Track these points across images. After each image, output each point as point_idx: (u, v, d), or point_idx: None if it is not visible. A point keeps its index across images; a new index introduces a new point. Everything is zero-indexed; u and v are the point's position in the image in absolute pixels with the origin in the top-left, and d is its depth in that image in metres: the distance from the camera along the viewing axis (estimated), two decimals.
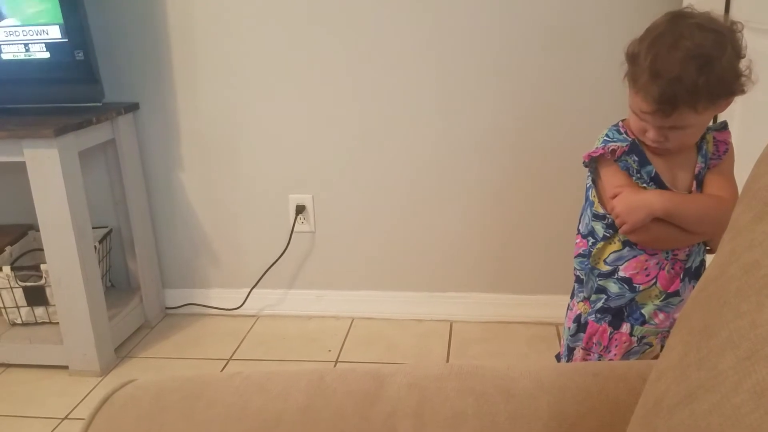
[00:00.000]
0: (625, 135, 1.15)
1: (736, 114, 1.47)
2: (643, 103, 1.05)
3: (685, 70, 1.00)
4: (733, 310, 0.47)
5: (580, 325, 1.27)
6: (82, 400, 1.85)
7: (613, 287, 1.21)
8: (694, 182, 1.15)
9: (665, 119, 1.05)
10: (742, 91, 1.05)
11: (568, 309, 1.32)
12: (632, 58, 1.08)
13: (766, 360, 0.42)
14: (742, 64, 1.04)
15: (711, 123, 1.18)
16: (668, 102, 1.02)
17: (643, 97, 1.05)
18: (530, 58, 1.95)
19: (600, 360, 1.26)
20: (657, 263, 1.18)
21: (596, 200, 1.21)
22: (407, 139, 2.07)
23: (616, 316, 1.23)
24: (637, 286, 1.19)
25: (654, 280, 1.18)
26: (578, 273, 1.27)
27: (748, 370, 0.42)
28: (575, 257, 1.26)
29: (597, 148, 1.16)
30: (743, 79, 1.04)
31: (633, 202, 1.12)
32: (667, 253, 1.17)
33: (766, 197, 0.52)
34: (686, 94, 1.00)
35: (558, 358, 1.37)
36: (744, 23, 1.06)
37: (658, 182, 1.14)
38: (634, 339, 1.22)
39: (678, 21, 1.05)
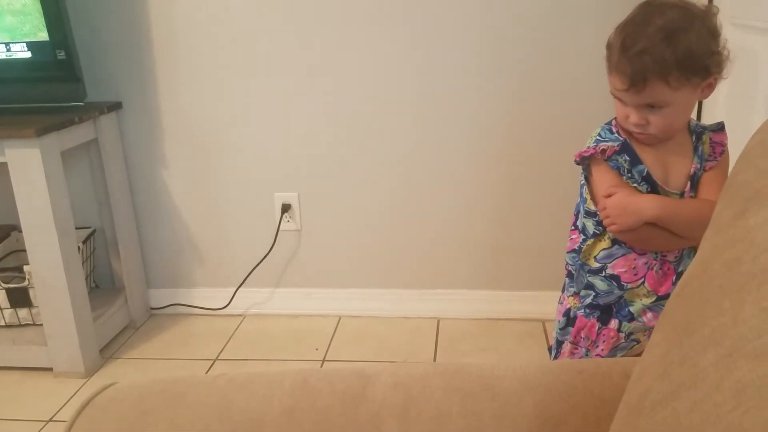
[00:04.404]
0: (617, 134, 1.15)
1: (720, 108, 1.48)
2: (617, 80, 1.07)
3: (652, 42, 1.02)
4: (715, 307, 0.47)
5: (570, 319, 1.28)
6: (67, 402, 1.84)
7: (600, 284, 1.21)
8: (689, 183, 1.15)
9: (640, 95, 1.06)
10: (719, 70, 1.06)
11: (559, 303, 1.33)
12: (609, 45, 1.11)
13: (748, 357, 0.41)
14: (719, 43, 1.05)
15: (707, 123, 1.19)
16: (639, 74, 1.03)
17: (616, 74, 1.07)
18: (518, 53, 1.95)
19: (587, 354, 1.26)
20: (645, 263, 1.18)
21: (588, 197, 1.21)
22: (393, 136, 2.06)
23: (604, 311, 1.23)
24: (625, 284, 1.19)
25: (642, 280, 1.19)
26: (570, 268, 1.27)
27: (729, 367, 0.42)
28: (568, 252, 1.27)
29: (588, 147, 1.17)
30: (718, 57, 1.05)
31: (625, 205, 1.12)
32: (656, 253, 1.18)
33: (747, 193, 0.52)
34: (655, 66, 1.02)
35: (550, 350, 1.38)
36: (729, 20, 1.07)
37: (649, 182, 1.13)
38: (622, 335, 1.23)
39: (649, 3, 1.08)
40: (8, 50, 1.90)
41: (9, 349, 1.98)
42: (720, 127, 1.17)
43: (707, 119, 1.39)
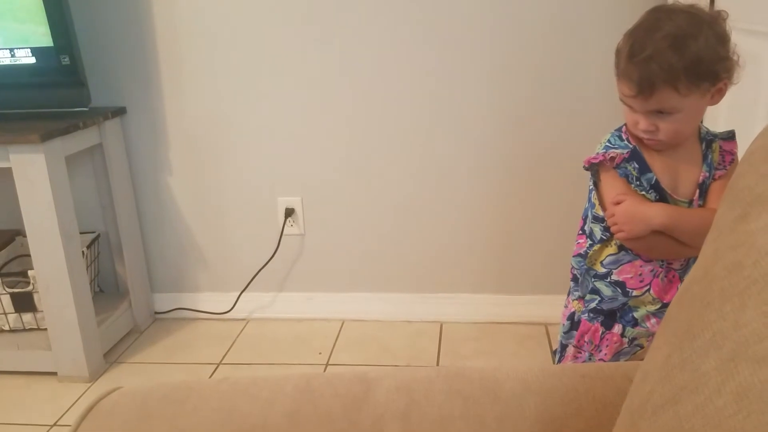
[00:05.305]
0: (626, 141, 1.15)
1: (722, 113, 1.48)
2: (625, 87, 1.07)
3: (659, 48, 1.02)
4: (717, 310, 0.47)
5: (573, 323, 1.28)
6: (71, 406, 1.84)
7: (605, 290, 1.21)
8: (697, 191, 1.14)
9: (648, 101, 1.05)
10: (729, 75, 1.06)
11: (564, 306, 1.33)
12: (617, 51, 1.10)
13: (749, 361, 0.42)
14: (728, 49, 1.05)
15: (714, 129, 1.19)
16: (646, 81, 1.03)
17: (624, 80, 1.07)
18: (528, 58, 1.95)
19: (590, 358, 1.26)
20: (651, 270, 1.18)
21: (597, 203, 1.21)
22: (397, 140, 2.06)
23: (608, 316, 1.23)
24: (630, 291, 1.19)
25: (648, 287, 1.18)
26: (575, 272, 1.27)
27: (730, 371, 0.42)
28: (574, 256, 1.27)
29: (597, 154, 1.16)
30: (727, 62, 1.04)
31: (634, 213, 1.12)
32: (662, 260, 1.18)
33: (748, 197, 0.52)
34: (662, 73, 1.02)
35: (554, 354, 1.38)
36: (731, 23, 1.07)
37: (658, 189, 1.13)
38: (625, 340, 1.23)
39: (657, 9, 1.08)
40: (12, 56, 1.91)
41: (13, 353, 1.98)
42: (731, 136, 1.17)
43: (709, 123, 1.39)
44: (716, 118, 1.49)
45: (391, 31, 1.97)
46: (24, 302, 1.99)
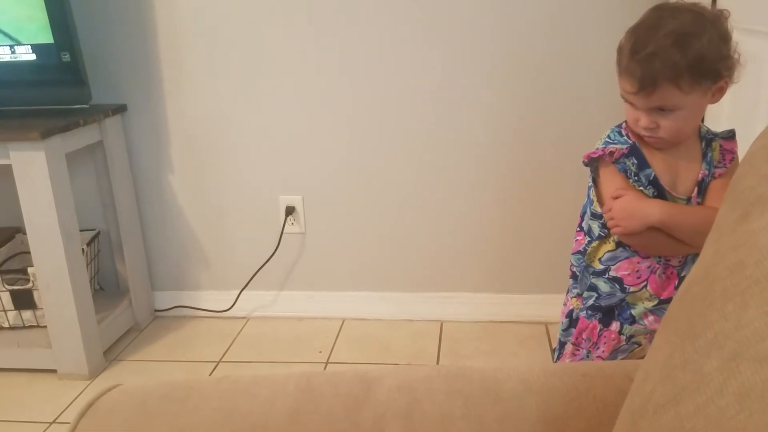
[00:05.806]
0: (626, 137, 1.15)
1: (723, 113, 1.48)
2: (627, 83, 1.08)
3: (662, 45, 1.02)
4: (718, 310, 0.47)
5: (572, 320, 1.28)
6: (71, 403, 1.84)
7: (603, 286, 1.21)
8: (696, 189, 1.14)
9: (650, 98, 1.06)
10: (730, 74, 1.06)
11: (563, 304, 1.33)
12: (619, 48, 1.11)
13: (751, 361, 0.42)
14: (730, 47, 1.05)
15: (715, 129, 1.19)
16: (649, 78, 1.03)
17: (626, 77, 1.07)
18: (529, 57, 1.94)
19: (588, 356, 1.27)
20: (649, 267, 1.18)
21: (596, 199, 1.21)
22: (397, 140, 2.06)
23: (606, 314, 1.23)
24: (628, 287, 1.19)
25: (644, 283, 1.19)
26: (574, 269, 1.28)
27: (732, 371, 0.42)
28: (573, 254, 1.27)
29: (597, 149, 1.17)
30: (729, 61, 1.05)
31: (631, 209, 1.12)
32: (659, 257, 1.18)
33: (750, 197, 0.52)
34: (665, 70, 1.02)
35: (554, 352, 1.39)
36: (731, 23, 1.07)
37: (656, 186, 1.13)
38: (623, 337, 1.23)
39: (660, 7, 1.09)
40: (13, 52, 1.91)
41: (13, 351, 1.98)
42: (731, 135, 1.17)
43: (710, 123, 1.39)
44: (717, 117, 1.49)
45: (391, 31, 1.97)
46: (24, 299, 1.99)
